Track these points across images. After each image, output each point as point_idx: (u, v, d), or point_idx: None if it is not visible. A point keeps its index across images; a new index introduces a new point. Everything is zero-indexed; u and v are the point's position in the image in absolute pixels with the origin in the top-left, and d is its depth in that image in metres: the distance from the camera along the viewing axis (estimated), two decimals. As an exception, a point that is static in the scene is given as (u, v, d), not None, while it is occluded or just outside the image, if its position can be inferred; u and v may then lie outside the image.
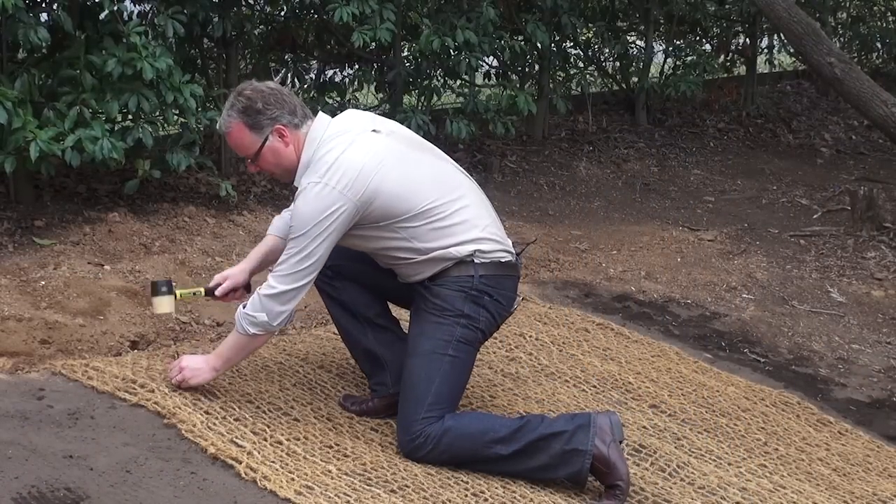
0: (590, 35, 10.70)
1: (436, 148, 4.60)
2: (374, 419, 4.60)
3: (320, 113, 4.43)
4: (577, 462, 4.21)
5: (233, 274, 4.68)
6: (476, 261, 4.32)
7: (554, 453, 4.23)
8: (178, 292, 4.69)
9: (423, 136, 7.55)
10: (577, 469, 4.22)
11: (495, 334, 4.96)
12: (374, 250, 4.42)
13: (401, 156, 4.32)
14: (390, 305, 4.77)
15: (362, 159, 4.21)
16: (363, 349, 4.69)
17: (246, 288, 4.66)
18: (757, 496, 4.47)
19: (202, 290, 4.71)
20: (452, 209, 4.33)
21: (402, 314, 4.83)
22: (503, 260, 4.39)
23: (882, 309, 6.85)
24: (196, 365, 4.49)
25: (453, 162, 4.58)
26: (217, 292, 4.64)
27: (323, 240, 4.17)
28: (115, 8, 6.26)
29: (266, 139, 4.30)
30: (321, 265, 4.25)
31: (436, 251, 4.31)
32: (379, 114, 8.42)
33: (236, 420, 4.39)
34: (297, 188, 4.28)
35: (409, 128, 7.61)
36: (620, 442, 4.29)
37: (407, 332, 4.56)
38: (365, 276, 4.60)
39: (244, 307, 4.31)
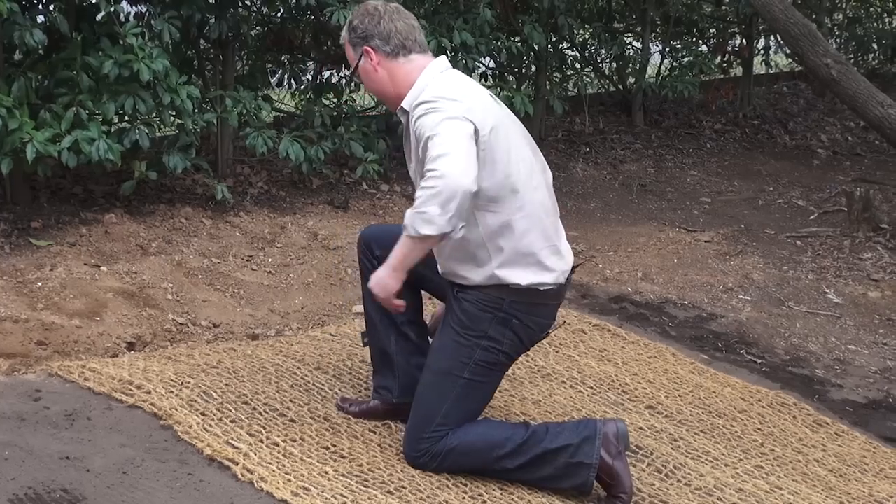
0: (586, 36, 10.71)
1: (538, 151, 4.33)
2: (372, 421, 4.60)
3: (437, 57, 4.25)
4: (583, 475, 4.19)
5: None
6: (511, 286, 4.10)
7: (559, 465, 4.20)
8: None
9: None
10: (581, 481, 4.20)
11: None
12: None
13: (509, 132, 4.11)
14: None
15: (474, 103, 4.00)
16: (381, 348, 4.59)
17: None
18: (753, 497, 4.47)
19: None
20: (520, 221, 4.06)
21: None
22: (543, 289, 4.15)
23: (878, 310, 6.86)
24: (379, 278, 4.04)
25: (548, 172, 4.31)
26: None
27: (455, 130, 3.87)
28: (112, 9, 6.27)
29: (360, 58, 4.19)
30: (470, 155, 3.86)
31: (484, 264, 4.09)
32: (375, 115, 8.51)
33: (233, 421, 4.39)
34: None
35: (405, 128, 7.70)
36: (626, 451, 4.27)
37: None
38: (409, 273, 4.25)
39: (411, 210, 3.85)
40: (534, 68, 9.73)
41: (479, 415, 4.34)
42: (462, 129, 3.88)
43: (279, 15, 8.27)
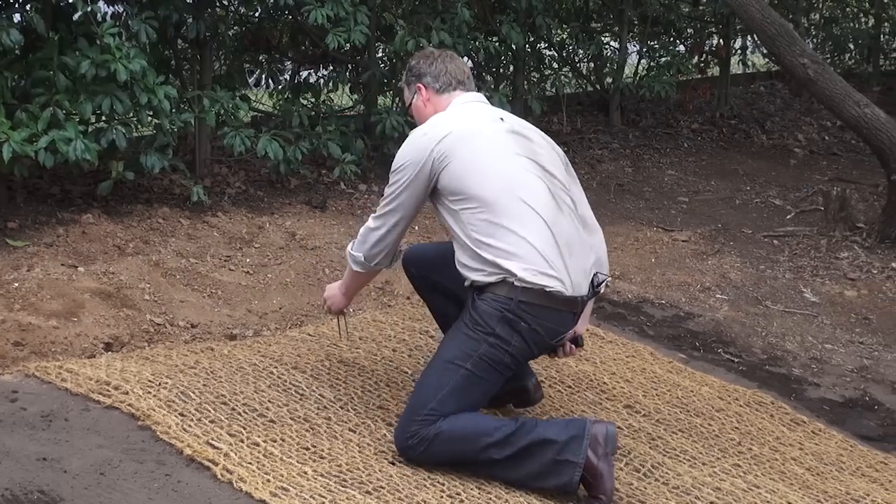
0: (564, 36, 10.73)
1: (556, 168, 4.50)
2: (353, 420, 4.60)
3: (474, 91, 4.64)
4: (568, 473, 4.20)
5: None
6: (516, 283, 4.21)
7: (545, 461, 4.22)
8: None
9: (397, 137, 7.66)
10: (566, 480, 4.21)
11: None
12: (448, 229, 4.43)
13: (499, 148, 4.38)
14: None
15: (456, 125, 4.39)
16: None
17: (573, 341, 4.61)
18: (731, 496, 4.49)
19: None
20: (509, 222, 4.24)
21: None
22: (548, 290, 4.23)
23: (855, 309, 6.89)
24: (331, 292, 4.85)
25: (560, 191, 4.44)
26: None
27: (407, 185, 4.40)
28: (89, 9, 6.25)
29: (413, 96, 4.63)
30: (408, 211, 4.43)
31: (482, 253, 4.24)
32: (353, 114, 8.50)
33: (212, 422, 4.38)
34: None
35: (384, 129, 7.71)
36: (613, 453, 4.29)
37: None
38: (447, 289, 4.66)
39: (351, 245, 4.60)
40: (511, 68, 9.74)
41: (474, 411, 4.37)
42: (411, 179, 4.39)
43: (257, 15, 8.26)
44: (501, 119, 4.50)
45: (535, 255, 4.23)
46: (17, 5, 6.55)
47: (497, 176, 4.30)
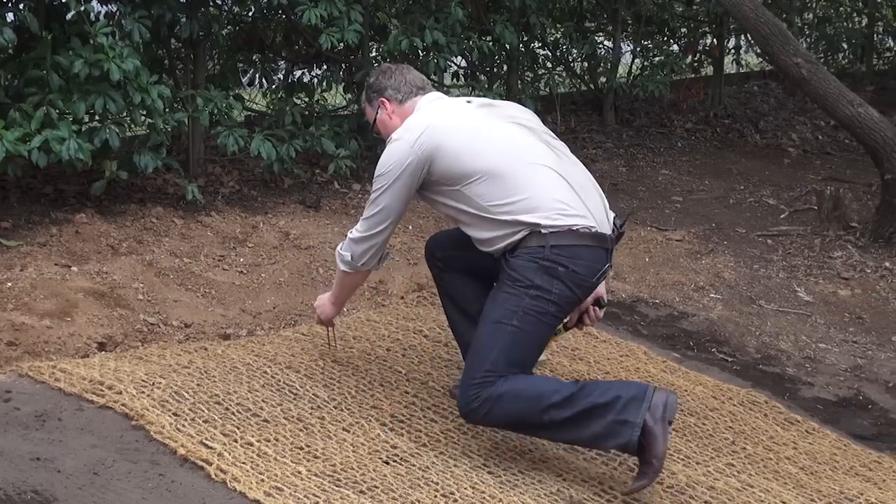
0: (558, 35, 10.72)
1: (535, 123, 4.67)
2: (347, 420, 4.60)
3: (433, 91, 4.73)
4: (627, 434, 4.23)
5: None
6: (543, 231, 4.29)
7: (606, 423, 4.25)
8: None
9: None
10: (625, 441, 4.24)
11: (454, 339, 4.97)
12: (453, 216, 4.53)
13: (477, 122, 4.50)
14: None
15: (430, 119, 4.48)
16: (466, 343, 4.72)
17: (596, 304, 4.77)
18: (725, 495, 4.49)
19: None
20: (514, 176, 4.35)
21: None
22: (575, 228, 4.31)
23: (849, 308, 6.89)
24: (320, 302, 5.01)
25: (550, 138, 4.62)
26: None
27: (389, 189, 4.44)
28: (82, 8, 6.24)
29: (377, 111, 4.72)
30: (392, 214, 4.50)
31: (503, 215, 4.33)
32: (347, 114, 8.50)
33: (205, 422, 4.38)
34: None
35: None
36: (670, 423, 4.31)
37: None
38: (474, 265, 4.69)
39: (340, 246, 4.68)
40: (505, 67, 9.74)
41: (528, 367, 4.45)
42: (396, 182, 4.43)
43: (250, 14, 8.26)
44: (468, 101, 4.64)
45: (553, 200, 4.33)
46: (10, 4, 6.53)
47: (489, 146, 4.40)
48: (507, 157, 4.38)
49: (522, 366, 4.39)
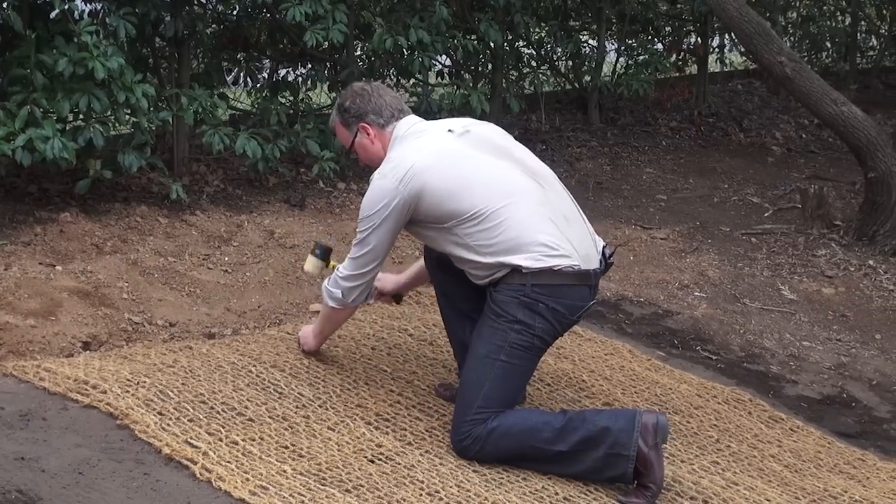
0: (542, 34, 10.72)
1: (518, 150, 4.69)
2: (332, 419, 4.60)
3: (410, 115, 4.71)
4: (621, 466, 4.31)
5: (386, 280, 5.12)
6: (524, 271, 4.35)
7: (599, 456, 4.32)
8: (332, 263, 5.08)
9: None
10: (620, 472, 4.32)
11: (447, 336, 4.99)
12: (441, 249, 4.58)
13: (459, 157, 4.50)
14: None
15: (415, 157, 4.47)
16: (459, 340, 4.84)
17: (394, 297, 5.20)
18: (710, 492, 4.50)
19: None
20: (499, 217, 4.39)
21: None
22: (556, 268, 4.37)
23: (832, 306, 6.91)
24: (304, 333, 5.10)
25: (535, 166, 4.64)
26: None
27: (377, 230, 4.48)
28: (66, 7, 6.23)
29: (355, 135, 4.69)
30: (380, 253, 4.56)
31: (488, 256, 4.40)
32: (331, 113, 8.49)
33: (191, 420, 4.37)
34: None
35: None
36: (664, 443, 4.36)
37: None
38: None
39: (327, 282, 4.71)
40: (490, 66, 9.73)
41: (518, 395, 4.62)
42: (383, 222, 4.47)
43: (235, 13, 8.25)
44: (449, 130, 4.61)
45: (536, 243, 4.37)
46: (-7, 3, 6.52)
47: (472, 185, 4.42)
48: (491, 198, 4.40)
49: (513, 398, 4.51)
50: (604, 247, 4.63)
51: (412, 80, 8.71)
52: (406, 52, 8.12)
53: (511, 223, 4.37)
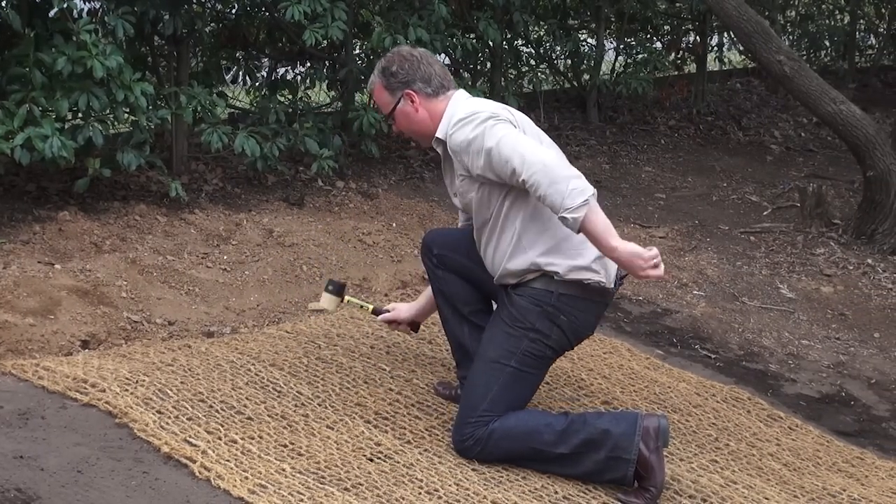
0: (541, 33, 10.73)
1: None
2: (331, 417, 4.60)
3: (460, 89, 4.54)
4: (622, 469, 4.30)
5: (400, 309, 4.96)
6: (556, 278, 4.31)
7: (599, 459, 4.31)
8: (347, 298, 4.99)
9: (374, 134, 7.72)
10: (620, 475, 4.31)
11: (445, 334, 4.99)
12: (482, 218, 4.41)
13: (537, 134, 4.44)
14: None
15: (509, 111, 4.40)
16: (457, 341, 4.81)
17: (411, 325, 5.00)
18: (709, 490, 4.50)
19: (370, 307, 5.01)
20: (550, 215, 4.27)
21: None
22: (586, 282, 4.33)
23: (831, 305, 6.92)
24: (629, 255, 4.18)
25: None
26: (381, 317, 4.94)
27: (503, 125, 4.24)
28: (65, 6, 6.22)
29: (398, 101, 4.48)
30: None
31: (523, 251, 4.32)
32: (330, 111, 8.50)
33: (189, 419, 4.37)
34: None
35: (361, 126, 7.70)
36: (665, 446, 4.36)
37: None
38: (468, 271, 4.65)
39: (562, 214, 4.11)
40: (489, 65, 9.74)
41: (525, 403, 4.52)
42: (504, 124, 4.23)
43: (234, 11, 8.24)
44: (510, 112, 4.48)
45: (574, 251, 4.32)
46: (-8, 1, 6.52)
47: None
48: None
49: (519, 405, 4.47)
50: (617, 269, 4.49)
51: (411, 79, 8.69)
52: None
53: (553, 220, 4.26)
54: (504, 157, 4.15)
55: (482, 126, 4.22)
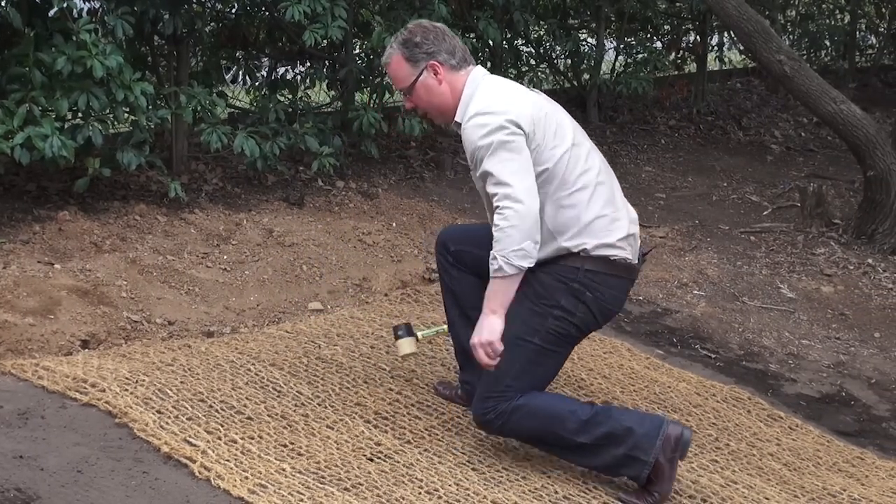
0: (541, 32, 10.73)
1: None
2: (331, 417, 4.60)
3: (479, 66, 4.43)
4: (637, 468, 4.27)
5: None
6: (582, 254, 4.24)
7: (617, 455, 4.27)
8: (418, 333, 4.87)
9: (374, 134, 7.72)
10: (635, 474, 4.29)
11: (447, 333, 4.97)
12: None
13: (550, 112, 4.34)
14: None
15: (526, 96, 4.31)
16: (461, 345, 4.71)
17: None
18: (709, 490, 4.50)
19: (444, 327, 4.91)
20: (575, 188, 4.24)
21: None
22: (612, 258, 4.29)
23: (831, 304, 6.91)
24: (490, 330, 4.22)
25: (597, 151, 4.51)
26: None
27: (514, 137, 4.13)
28: (65, 5, 6.22)
29: (420, 73, 4.33)
30: (530, 170, 4.15)
31: (559, 238, 4.23)
32: (330, 111, 8.50)
33: (189, 419, 4.37)
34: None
35: (361, 126, 7.70)
36: (682, 458, 4.34)
37: None
38: (483, 264, 4.37)
39: (502, 252, 4.10)
40: (489, 64, 9.73)
41: (547, 384, 4.47)
42: (513, 146, 4.12)
43: (233, 11, 8.24)
44: (536, 92, 4.46)
45: (603, 228, 4.27)
46: (-8, 1, 6.52)
47: (559, 145, 4.28)
48: (571, 166, 4.27)
49: (542, 383, 4.42)
50: (640, 245, 4.50)
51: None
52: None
53: (582, 197, 4.24)
54: (493, 182, 4.13)
55: (491, 139, 4.13)
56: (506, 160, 4.12)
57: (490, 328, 4.21)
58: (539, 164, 4.20)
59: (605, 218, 4.27)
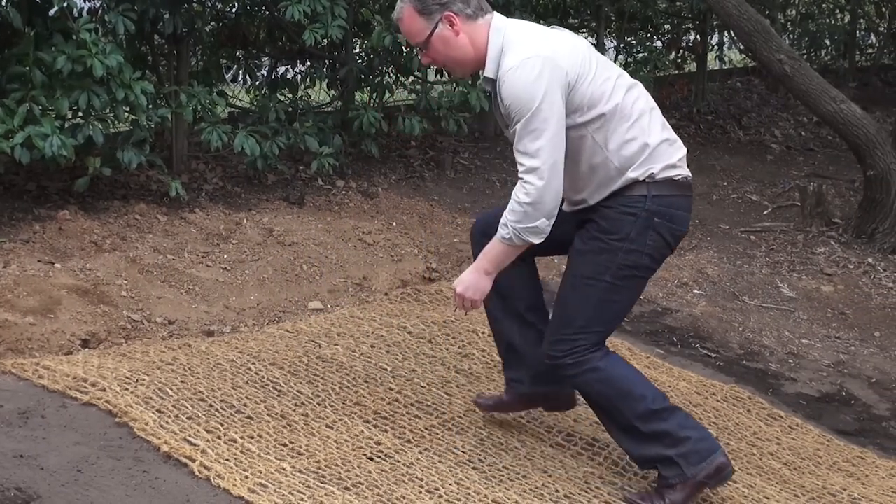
0: (541, 32, 10.71)
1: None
2: (331, 416, 4.60)
3: (497, 13, 4.26)
4: (674, 473, 4.22)
5: None
6: (648, 180, 4.13)
7: (663, 454, 4.22)
8: None
9: (374, 133, 7.72)
10: (668, 475, 4.24)
11: (447, 332, 4.97)
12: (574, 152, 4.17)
13: (588, 52, 4.25)
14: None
15: (559, 37, 4.21)
16: (507, 341, 4.59)
17: None
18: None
19: None
20: (634, 122, 4.19)
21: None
22: (676, 178, 4.20)
23: (831, 304, 6.91)
24: (475, 289, 4.19)
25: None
26: None
27: (550, 105, 3.99)
28: (65, 4, 6.22)
29: (436, 26, 4.13)
30: (561, 143, 4.04)
31: (614, 162, 4.13)
32: (330, 110, 8.49)
33: (189, 418, 4.37)
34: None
35: (361, 125, 7.70)
36: (713, 487, 4.33)
37: None
38: (525, 253, 4.24)
39: (509, 222, 4.04)
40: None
41: (619, 321, 4.40)
42: (549, 111, 3.99)
43: (234, 10, 8.24)
44: (559, 29, 4.38)
45: (662, 151, 4.19)
46: (-8, 0, 6.52)
47: (610, 77, 4.21)
48: (623, 99, 4.19)
49: (616, 321, 4.33)
50: None
51: (411, 78, 8.70)
52: (405, 50, 8.11)
53: (639, 126, 4.18)
54: (521, 151, 4.04)
55: (533, 93, 3.99)
56: (538, 131, 4.00)
57: (476, 286, 4.17)
58: (593, 104, 4.12)
59: (666, 141, 4.23)
